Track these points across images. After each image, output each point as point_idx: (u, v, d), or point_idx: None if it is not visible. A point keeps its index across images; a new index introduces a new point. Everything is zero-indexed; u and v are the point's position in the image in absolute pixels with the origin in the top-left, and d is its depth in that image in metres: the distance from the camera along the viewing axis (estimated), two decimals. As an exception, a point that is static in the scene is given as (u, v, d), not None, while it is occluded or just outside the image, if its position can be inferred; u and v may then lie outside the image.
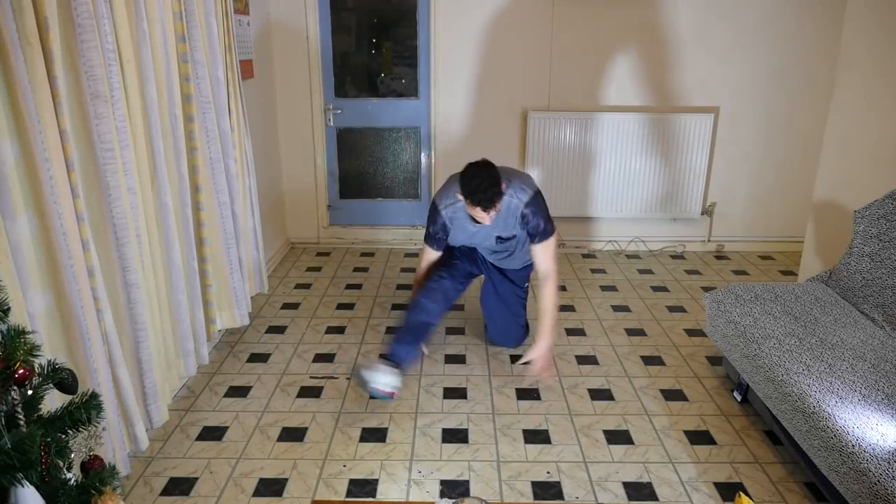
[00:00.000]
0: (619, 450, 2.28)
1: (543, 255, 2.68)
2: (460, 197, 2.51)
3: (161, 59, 2.31)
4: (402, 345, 2.60)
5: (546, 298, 2.69)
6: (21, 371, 1.19)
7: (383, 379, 2.43)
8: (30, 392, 1.24)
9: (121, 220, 2.02)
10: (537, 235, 2.63)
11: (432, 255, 2.84)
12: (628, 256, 4.32)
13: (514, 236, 2.69)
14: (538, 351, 2.67)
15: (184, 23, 2.46)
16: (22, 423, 1.20)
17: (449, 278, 2.81)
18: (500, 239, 2.71)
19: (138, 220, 2.15)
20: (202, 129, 2.64)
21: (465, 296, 3.63)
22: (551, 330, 2.69)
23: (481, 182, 2.40)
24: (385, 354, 2.59)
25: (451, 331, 3.22)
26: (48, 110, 1.70)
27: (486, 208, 2.42)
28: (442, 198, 2.68)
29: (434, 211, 2.70)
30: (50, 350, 1.78)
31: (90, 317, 1.85)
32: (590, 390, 2.68)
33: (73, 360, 1.83)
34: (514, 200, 2.57)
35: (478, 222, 2.58)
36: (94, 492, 1.29)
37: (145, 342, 2.19)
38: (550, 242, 2.66)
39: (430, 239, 2.79)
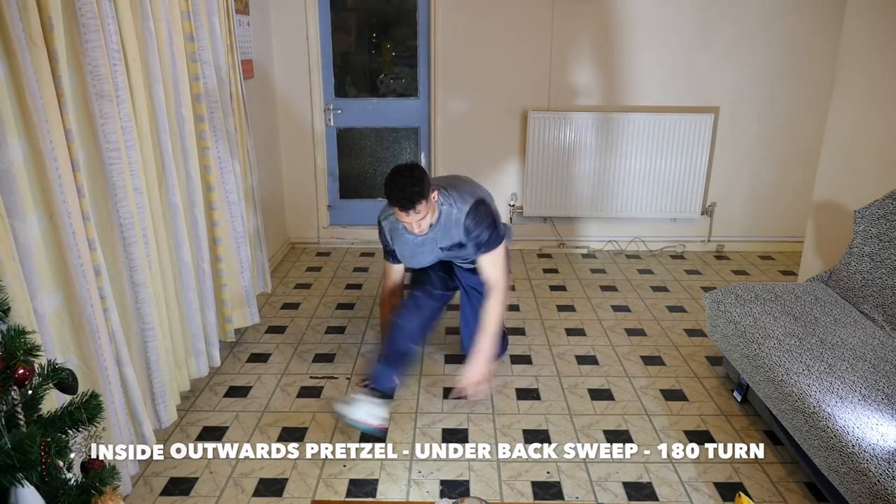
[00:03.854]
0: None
1: (489, 265, 2.52)
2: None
3: (167, 59, 2.31)
4: (383, 373, 2.45)
5: (487, 312, 2.50)
6: (21, 371, 1.19)
7: (370, 411, 2.25)
8: (30, 392, 1.24)
9: (127, 220, 2.02)
10: (482, 246, 2.48)
11: (392, 269, 2.71)
12: (628, 256, 4.32)
13: (463, 245, 2.51)
14: (468, 372, 2.44)
15: (191, 22, 2.47)
16: (22, 423, 1.20)
17: (422, 293, 2.64)
18: (443, 249, 2.56)
19: (145, 221, 2.14)
20: (211, 128, 2.64)
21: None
22: (488, 349, 2.47)
23: (399, 180, 2.26)
24: (367, 383, 2.44)
25: (450, 331, 3.22)
26: (53, 110, 1.70)
27: (403, 207, 2.26)
28: (382, 209, 2.62)
29: (378, 223, 2.64)
30: (61, 349, 1.77)
31: (99, 316, 1.85)
32: (590, 390, 2.68)
33: (83, 359, 1.82)
34: (453, 211, 2.44)
35: (413, 233, 2.41)
36: (94, 492, 1.29)
37: (153, 342, 2.19)
38: (497, 252, 2.51)
39: (385, 253, 2.71)
